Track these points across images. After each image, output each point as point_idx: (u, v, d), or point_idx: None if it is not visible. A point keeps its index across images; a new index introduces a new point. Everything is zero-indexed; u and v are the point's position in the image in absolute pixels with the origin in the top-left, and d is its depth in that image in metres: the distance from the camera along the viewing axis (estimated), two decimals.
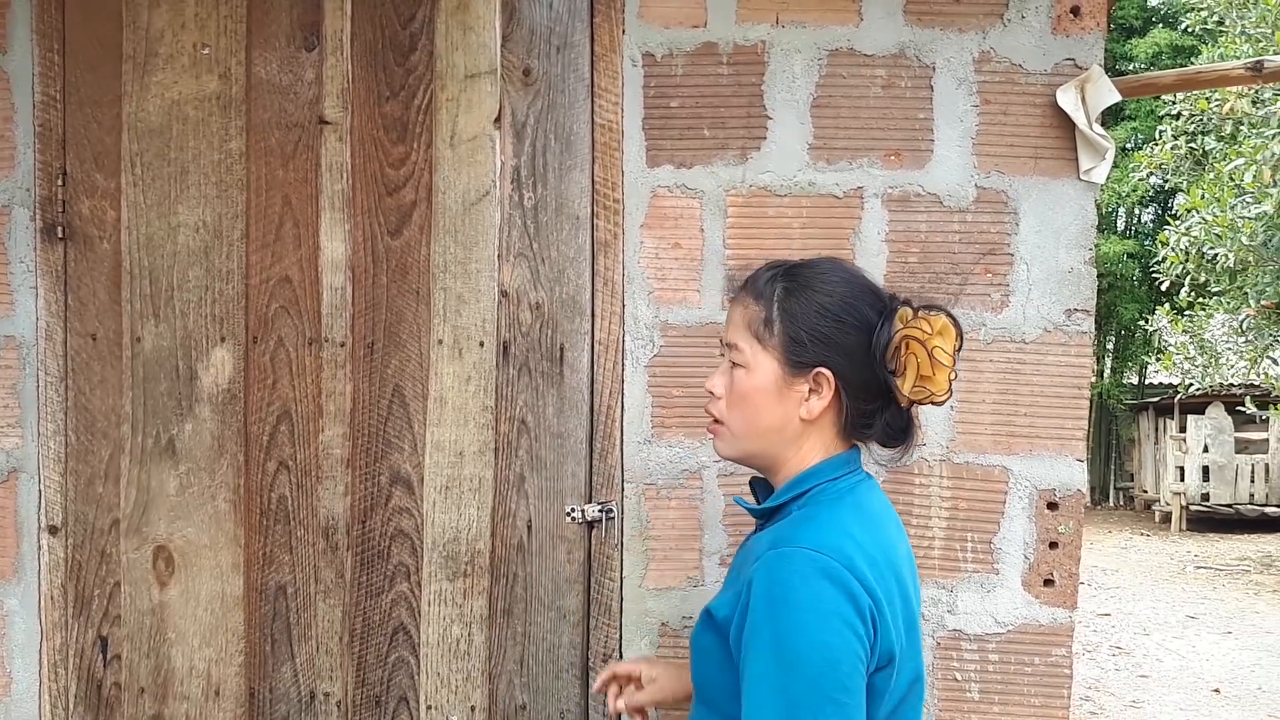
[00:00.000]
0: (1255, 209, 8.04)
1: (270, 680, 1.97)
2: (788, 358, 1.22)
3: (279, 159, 1.94)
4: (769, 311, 1.24)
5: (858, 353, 1.21)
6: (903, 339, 1.19)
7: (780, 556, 1.12)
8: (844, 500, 1.22)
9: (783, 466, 1.26)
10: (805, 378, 1.22)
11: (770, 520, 1.26)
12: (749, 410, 1.24)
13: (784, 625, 1.07)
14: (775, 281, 1.26)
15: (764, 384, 1.23)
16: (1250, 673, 5.78)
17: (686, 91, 1.94)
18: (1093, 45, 1.92)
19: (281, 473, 1.96)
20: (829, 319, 1.21)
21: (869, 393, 1.23)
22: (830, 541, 1.14)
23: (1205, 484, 11.76)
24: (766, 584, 1.10)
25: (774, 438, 1.25)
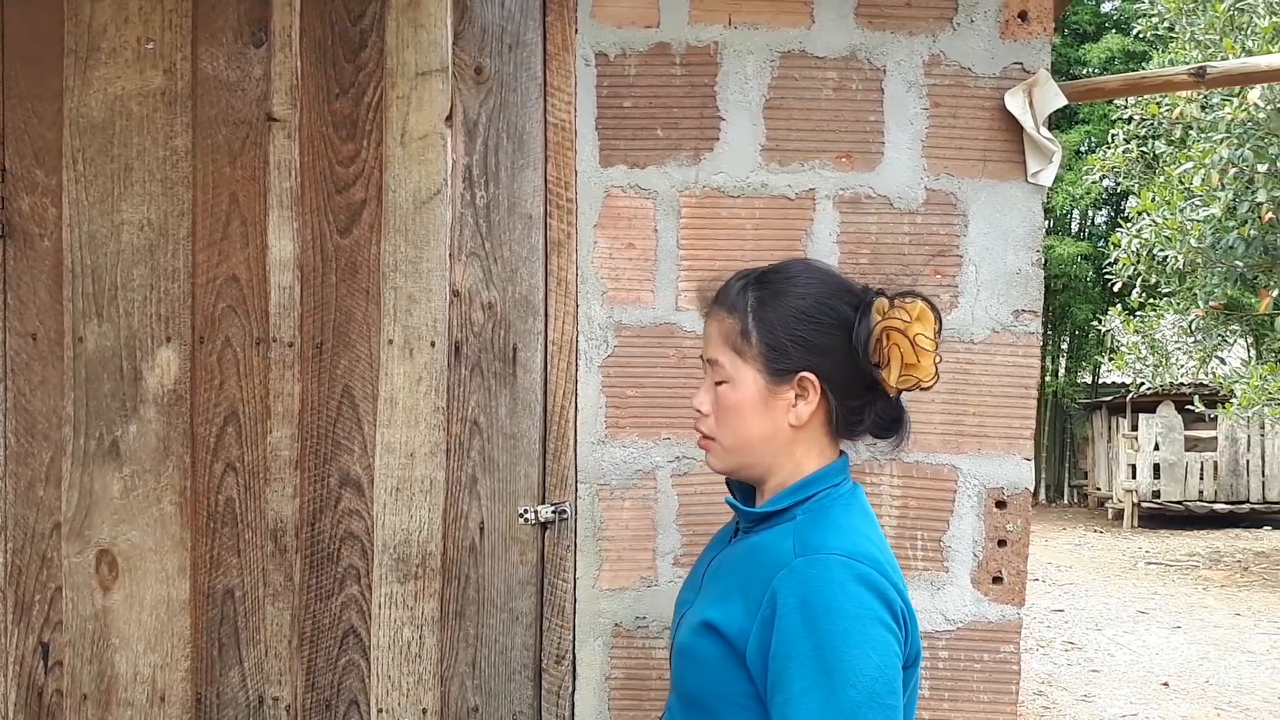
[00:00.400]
0: (1204, 212, 8.21)
1: (218, 685, 1.94)
2: (769, 367, 1.21)
3: (226, 156, 1.91)
4: (744, 323, 1.23)
5: (839, 351, 1.20)
6: (883, 330, 1.18)
7: (813, 564, 1.10)
8: (851, 504, 1.22)
9: (776, 473, 1.24)
10: (790, 384, 1.21)
11: (764, 525, 1.22)
12: (737, 424, 1.23)
13: (827, 634, 1.05)
14: (747, 291, 1.25)
15: (749, 396, 1.22)
16: (1199, 666, 5.90)
17: (640, 91, 1.94)
18: (1040, 49, 1.95)
19: (229, 475, 1.93)
20: (805, 322, 1.20)
21: (855, 389, 1.22)
22: (859, 547, 1.13)
23: (1156, 481, 11.98)
24: (802, 592, 1.08)
25: (766, 448, 1.23)
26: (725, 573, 1.23)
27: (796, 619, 1.06)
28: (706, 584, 1.26)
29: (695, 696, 1.18)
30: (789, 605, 1.07)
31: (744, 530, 1.26)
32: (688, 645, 1.19)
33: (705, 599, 1.22)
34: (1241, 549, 10.23)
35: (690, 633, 1.19)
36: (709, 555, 1.32)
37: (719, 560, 1.27)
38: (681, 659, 1.20)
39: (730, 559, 1.24)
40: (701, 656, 1.17)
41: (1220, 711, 5.09)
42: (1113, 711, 5.06)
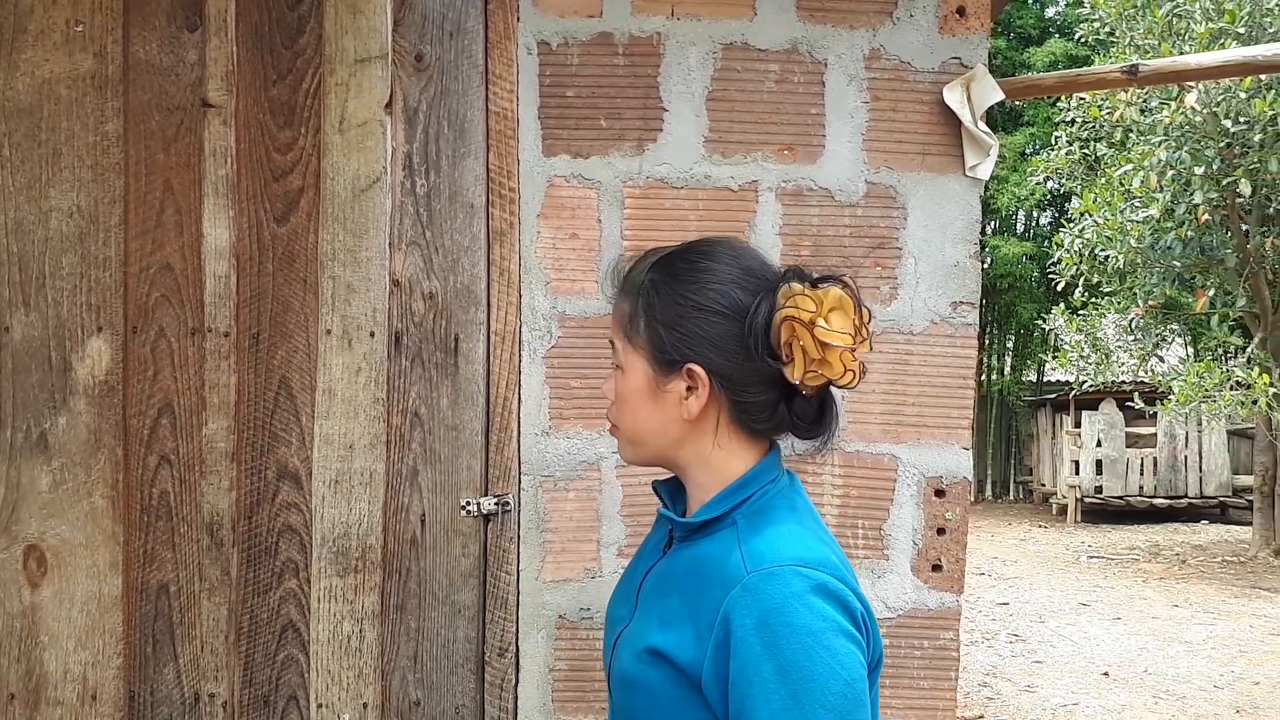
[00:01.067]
0: (1143, 213, 8.40)
1: (151, 683, 1.90)
2: (654, 356, 1.11)
3: (159, 142, 1.87)
4: (634, 307, 1.12)
5: (730, 342, 1.07)
6: (781, 321, 1.05)
7: (768, 578, 1.00)
8: (793, 504, 1.12)
9: (693, 468, 1.14)
10: (678, 375, 1.09)
11: (701, 533, 1.11)
12: (628, 414, 1.14)
13: (790, 653, 0.96)
14: (644, 273, 1.13)
15: (637, 386, 1.12)
16: (1138, 656, 6.04)
17: (583, 81, 1.93)
18: (978, 45, 1.98)
19: (163, 467, 1.89)
20: (692, 308, 1.08)
21: (758, 384, 1.09)
22: (812, 552, 1.04)
23: (1099, 477, 12.23)
24: (758, 611, 0.98)
25: (661, 440, 1.13)
26: (666, 590, 1.11)
27: (755, 640, 0.97)
28: (644, 601, 1.14)
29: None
30: (745, 626, 0.98)
31: (679, 539, 1.14)
32: (633, 675, 1.08)
33: (646, 620, 1.11)
34: (1180, 543, 10.48)
35: (634, 660, 1.08)
36: (642, 567, 1.20)
37: (656, 574, 1.15)
38: (627, 690, 1.09)
39: (670, 574, 1.13)
40: (650, 687, 1.06)
41: (1158, 700, 5.21)
42: (1055, 701, 5.15)
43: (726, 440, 1.12)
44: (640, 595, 1.16)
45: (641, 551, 1.25)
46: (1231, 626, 6.81)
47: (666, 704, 1.04)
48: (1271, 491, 9.48)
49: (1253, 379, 7.78)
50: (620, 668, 1.11)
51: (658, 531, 1.23)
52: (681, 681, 1.03)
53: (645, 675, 1.06)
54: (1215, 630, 6.72)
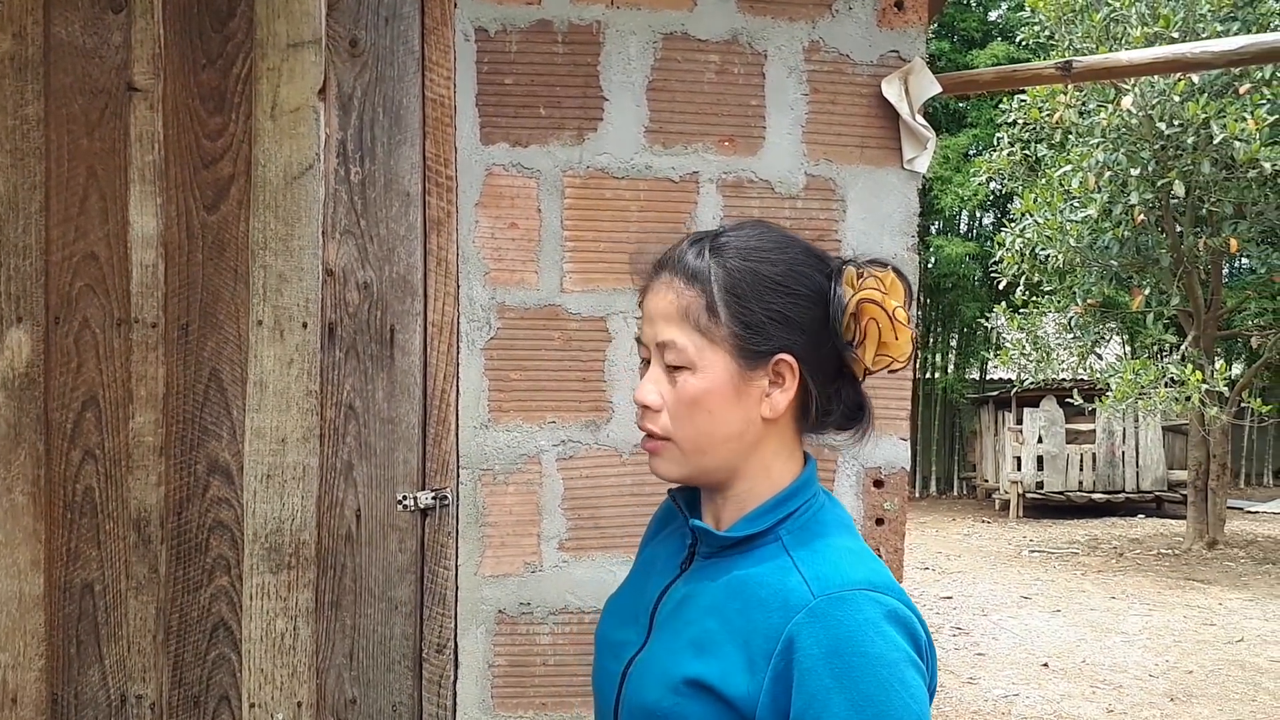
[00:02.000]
0: (1081, 213, 8.59)
1: (75, 685, 1.84)
2: (742, 348, 1.00)
3: (83, 127, 1.82)
4: (709, 295, 1.00)
5: (815, 327, 1.01)
6: (858, 303, 1.00)
7: (839, 603, 0.91)
8: (841, 519, 1.05)
9: (742, 479, 1.04)
10: (764, 369, 1.00)
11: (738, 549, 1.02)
12: (703, 419, 1.01)
13: (865, 687, 0.88)
14: (707, 257, 1.02)
15: (718, 385, 1.00)
16: (1076, 647, 6.16)
17: (521, 69, 1.91)
18: (915, 38, 1.99)
19: (87, 462, 1.83)
20: (781, 292, 1.00)
21: (829, 372, 1.03)
22: (880, 575, 0.96)
23: (1040, 473, 12.45)
24: (830, 640, 0.90)
25: (734, 446, 1.02)
26: (697, 612, 1.00)
27: (825, 672, 0.89)
28: (666, 625, 1.03)
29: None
30: (814, 656, 0.89)
31: (706, 555, 1.04)
32: (667, 709, 0.96)
33: (673, 647, 1.00)
34: (1117, 536, 10.72)
35: (668, 692, 0.97)
36: (653, 585, 1.09)
37: (679, 596, 1.04)
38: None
39: (700, 594, 1.02)
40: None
41: (1096, 689, 5.31)
42: (996, 692, 5.23)
43: (787, 442, 1.04)
44: (656, 617, 1.05)
45: (647, 567, 1.14)
46: (1166, 617, 6.98)
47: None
48: (1205, 486, 9.73)
49: (1186, 376, 7.99)
50: (642, 700, 0.99)
51: (667, 544, 1.13)
52: (728, 716, 0.93)
53: (682, 709, 0.95)
54: (1151, 621, 6.88)
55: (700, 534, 1.04)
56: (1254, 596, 7.62)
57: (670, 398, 1.02)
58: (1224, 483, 9.82)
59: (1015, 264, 9.24)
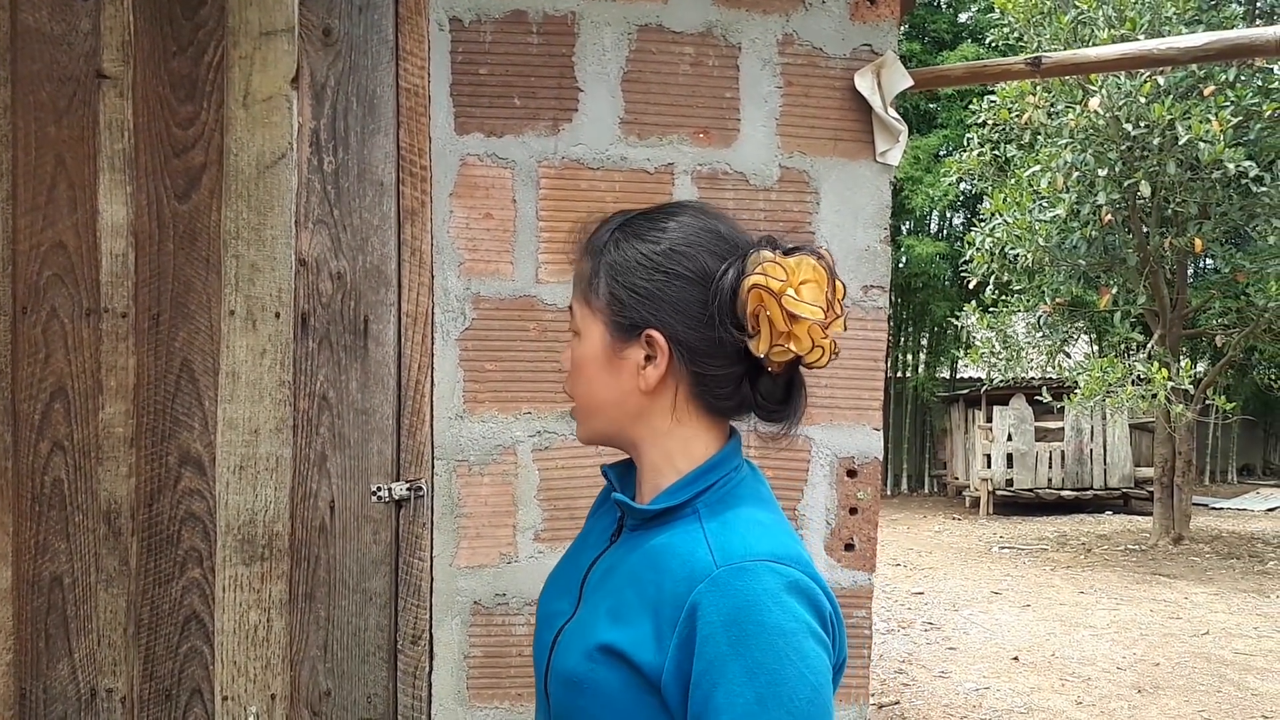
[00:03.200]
0: (1050, 213, 8.68)
1: (45, 679, 1.82)
2: (612, 319, 1.03)
3: (51, 114, 1.80)
4: (594, 268, 1.05)
5: (694, 308, 1.00)
6: (750, 289, 0.97)
7: (739, 573, 0.93)
8: (759, 493, 1.06)
9: (645, 448, 1.06)
10: (636, 342, 1.02)
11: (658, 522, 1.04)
12: (584, 383, 1.06)
13: (760, 655, 0.90)
14: (608, 233, 1.06)
15: (593, 352, 1.04)
16: (1046, 641, 6.22)
17: (496, 59, 1.91)
18: (888, 32, 2.01)
19: (56, 454, 1.81)
20: (655, 270, 1.01)
21: (720, 356, 1.01)
22: (785, 547, 0.97)
23: (1009, 470, 12.57)
24: (728, 608, 0.91)
25: (615, 413, 1.05)
26: (617, 582, 1.03)
27: (722, 639, 0.91)
28: (591, 594, 1.07)
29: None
30: (713, 624, 0.91)
31: (631, 527, 1.07)
32: (581, 675, 0.99)
33: (595, 615, 1.03)
34: (1085, 533, 10.85)
35: (584, 659, 1.00)
36: (585, 557, 1.12)
37: (605, 566, 1.07)
38: (573, 690, 1.00)
39: (622, 565, 1.05)
40: (602, 687, 0.98)
41: (1065, 681, 5.37)
42: (968, 686, 5.28)
43: (686, 418, 1.04)
44: (585, 587, 1.08)
45: (583, 540, 1.17)
46: (1133, 611, 7.07)
47: (619, 706, 0.97)
48: (1171, 482, 9.87)
49: (1152, 374, 8.10)
50: (564, 666, 1.02)
51: (602, 519, 1.16)
52: (638, 682, 0.96)
53: (596, 675, 0.98)
54: (1118, 615, 6.96)
55: (623, 507, 1.06)
56: (1219, 591, 7.74)
57: (569, 360, 1.09)
58: (1189, 480, 9.97)
59: (985, 263, 9.32)
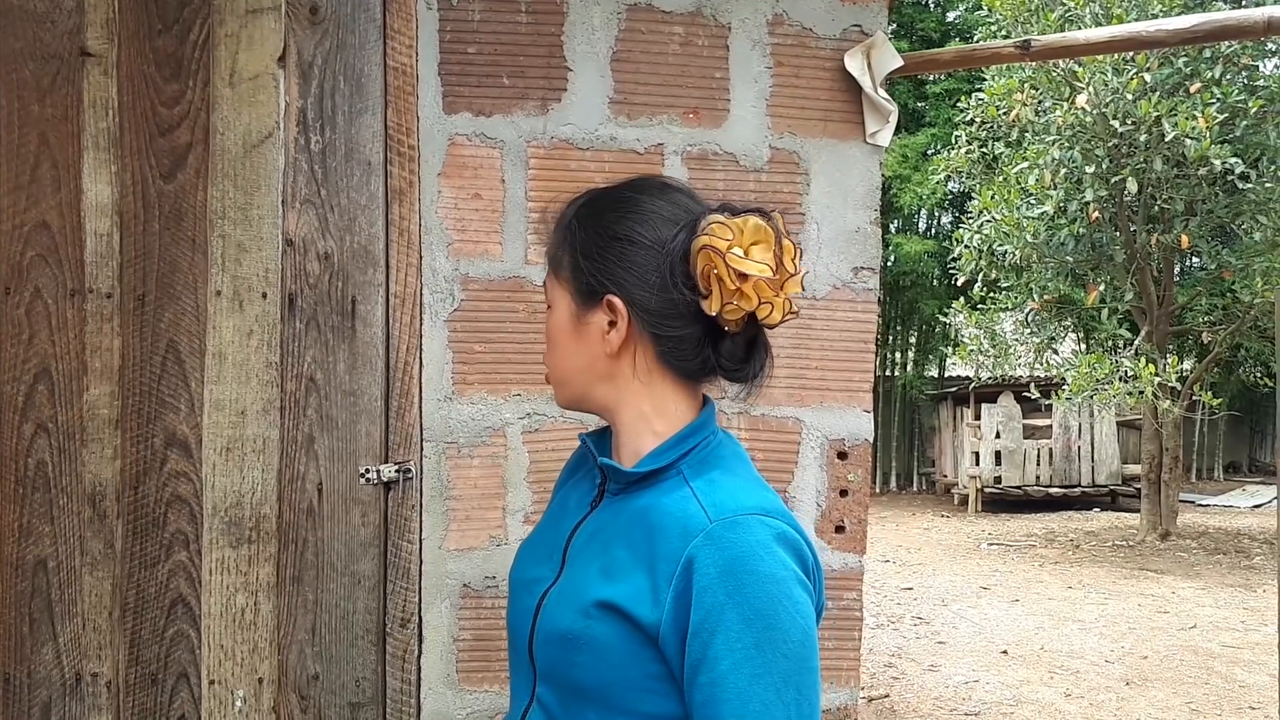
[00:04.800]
0: (1038, 210, 8.71)
1: (29, 663, 1.80)
2: (575, 288, 1.08)
3: (34, 93, 1.78)
4: (559, 241, 1.11)
5: (649, 273, 1.04)
6: (699, 250, 1.02)
7: (732, 526, 0.98)
8: (738, 454, 1.11)
9: (618, 411, 1.10)
10: (598, 308, 1.07)
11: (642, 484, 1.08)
12: (555, 351, 1.12)
13: (755, 602, 0.95)
14: (573, 209, 1.12)
15: (562, 321, 1.10)
16: (1034, 635, 6.24)
17: (485, 38, 1.90)
18: (878, 13, 2.01)
19: (40, 436, 1.79)
20: (612, 238, 1.06)
21: (678, 318, 1.05)
22: (770, 502, 1.03)
23: (998, 468, 12.61)
24: (724, 559, 0.96)
25: (585, 377, 1.10)
26: (605, 543, 1.07)
27: (719, 589, 0.95)
28: (576, 557, 1.10)
29: (589, 687, 1.02)
30: (710, 575, 0.96)
31: (614, 492, 1.11)
32: (577, 631, 1.02)
33: (586, 575, 1.06)
34: (1073, 529, 10.88)
35: (579, 616, 1.03)
36: (566, 524, 1.15)
37: (590, 530, 1.11)
38: (567, 647, 1.03)
39: (609, 527, 1.08)
40: (599, 641, 1.01)
41: (1053, 674, 5.39)
42: (957, 679, 5.29)
43: (654, 380, 1.09)
44: (569, 552, 1.11)
45: (559, 509, 1.20)
46: (1121, 606, 7.09)
47: (616, 659, 1.00)
48: (1158, 479, 9.91)
49: (1140, 370, 8.13)
50: (555, 626, 1.05)
51: (578, 486, 1.19)
52: (635, 635, 0.99)
53: (593, 630, 1.01)
54: (1106, 609, 6.99)
55: (609, 471, 1.10)
56: (1206, 585, 7.78)
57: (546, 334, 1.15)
58: (1176, 476, 10.01)
59: (973, 261, 9.34)
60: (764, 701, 0.94)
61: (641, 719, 1.00)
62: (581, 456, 1.24)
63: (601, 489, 1.13)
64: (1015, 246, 8.81)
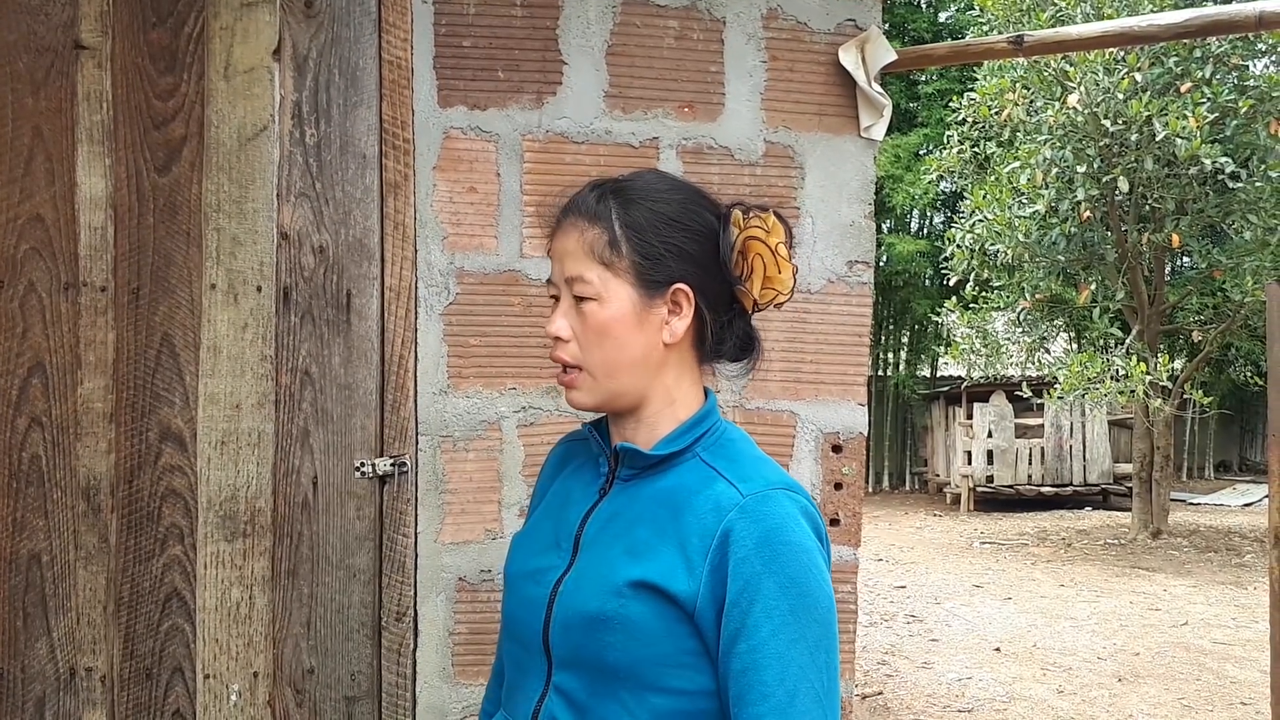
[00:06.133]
0: (1029, 209, 8.73)
1: (23, 658, 1.79)
2: (642, 278, 1.09)
3: (28, 86, 1.77)
4: (611, 231, 1.09)
5: (707, 260, 1.11)
6: (745, 240, 1.12)
7: (765, 499, 1.03)
8: (744, 437, 1.16)
9: (650, 402, 1.12)
10: (663, 298, 1.09)
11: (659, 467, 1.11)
12: (610, 346, 1.09)
13: (790, 571, 1.00)
14: (608, 199, 1.11)
15: (622, 313, 1.09)
16: (1027, 632, 6.25)
17: (480, 32, 1.90)
18: (872, 7, 2.01)
19: (34, 430, 1.79)
20: (676, 228, 1.10)
21: (723, 303, 1.13)
22: (788, 479, 1.09)
23: (990, 467, 12.63)
24: (759, 531, 1.01)
25: (640, 371, 1.10)
26: (625, 526, 1.09)
27: (756, 560, 1.00)
28: (592, 543, 1.10)
29: (621, 666, 1.03)
30: (747, 546, 1.00)
31: (627, 477, 1.12)
32: (610, 612, 1.03)
33: (609, 558, 1.07)
34: (1065, 528, 10.91)
35: (611, 596, 1.04)
36: (573, 512, 1.15)
37: (605, 515, 1.12)
38: (597, 629, 1.04)
39: (627, 510, 1.10)
40: (634, 621, 1.02)
41: (1046, 671, 5.40)
42: (950, 676, 5.30)
43: (686, 367, 1.14)
44: (583, 539, 1.12)
45: (560, 500, 1.20)
46: (1113, 603, 7.11)
47: (650, 636, 1.02)
48: (1149, 478, 9.95)
49: (1131, 369, 8.16)
50: (582, 609, 1.05)
51: (579, 476, 1.20)
52: (669, 611, 1.02)
53: (628, 609, 1.03)
54: (1098, 607, 7.01)
55: (627, 455, 1.12)
56: (1197, 583, 7.81)
57: (579, 328, 1.11)
58: (1167, 474, 10.04)
59: (965, 260, 9.37)
60: (800, 665, 0.99)
61: (673, 694, 1.03)
62: (568, 449, 1.26)
63: (610, 476, 1.14)
64: (1007, 246, 8.83)
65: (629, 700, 1.03)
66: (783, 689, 0.98)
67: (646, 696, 1.03)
